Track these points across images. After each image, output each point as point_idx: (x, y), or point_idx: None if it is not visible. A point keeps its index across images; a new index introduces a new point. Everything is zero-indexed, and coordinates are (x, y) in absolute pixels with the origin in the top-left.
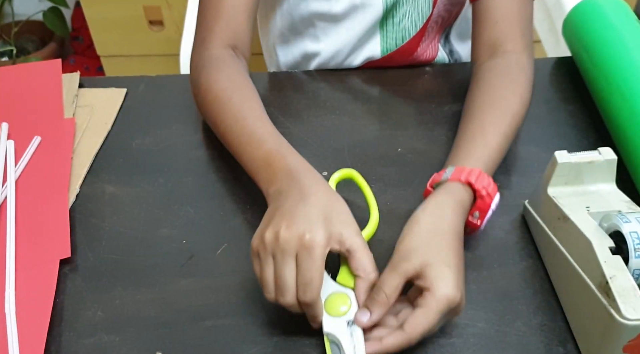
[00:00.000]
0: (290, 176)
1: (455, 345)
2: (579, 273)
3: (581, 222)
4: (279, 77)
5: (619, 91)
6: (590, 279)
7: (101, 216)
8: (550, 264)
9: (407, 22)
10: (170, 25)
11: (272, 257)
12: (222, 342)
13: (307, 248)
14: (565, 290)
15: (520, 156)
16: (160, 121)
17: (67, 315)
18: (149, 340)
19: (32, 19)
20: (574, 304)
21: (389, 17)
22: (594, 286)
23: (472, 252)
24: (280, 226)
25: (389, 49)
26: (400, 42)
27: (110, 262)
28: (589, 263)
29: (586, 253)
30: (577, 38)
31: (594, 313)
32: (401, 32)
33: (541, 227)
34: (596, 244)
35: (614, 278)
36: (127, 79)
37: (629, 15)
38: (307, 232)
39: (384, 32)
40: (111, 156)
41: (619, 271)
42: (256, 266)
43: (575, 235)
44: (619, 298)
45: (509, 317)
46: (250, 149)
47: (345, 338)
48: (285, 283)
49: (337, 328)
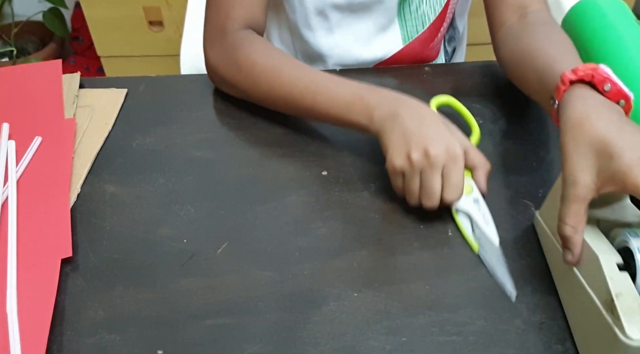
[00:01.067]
0: (397, 100)
1: (454, 343)
2: (585, 288)
3: (590, 236)
4: None
5: None
6: (596, 295)
7: (102, 215)
8: (557, 277)
9: (425, 8)
10: (170, 26)
11: (420, 172)
12: (222, 341)
13: (453, 159)
14: (572, 304)
15: (518, 154)
16: (160, 121)
17: (69, 314)
18: (150, 339)
19: (32, 19)
20: (580, 319)
21: (405, 4)
22: (600, 303)
23: (471, 250)
24: (424, 145)
25: (410, 36)
26: (421, 29)
27: (111, 262)
28: (596, 279)
29: (593, 268)
30: (575, 37)
31: (598, 330)
32: (420, 19)
33: (550, 239)
34: (603, 259)
35: (620, 295)
36: (128, 80)
37: (628, 15)
38: (449, 147)
39: (402, 21)
40: (112, 156)
41: (625, 289)
42: (398, 182)
43: (583, 249)
44: (624, 317)
45: (508, 315)
46: (330, 92)
47: (475, 210)
48: (434, 190)
49: (467, 204)
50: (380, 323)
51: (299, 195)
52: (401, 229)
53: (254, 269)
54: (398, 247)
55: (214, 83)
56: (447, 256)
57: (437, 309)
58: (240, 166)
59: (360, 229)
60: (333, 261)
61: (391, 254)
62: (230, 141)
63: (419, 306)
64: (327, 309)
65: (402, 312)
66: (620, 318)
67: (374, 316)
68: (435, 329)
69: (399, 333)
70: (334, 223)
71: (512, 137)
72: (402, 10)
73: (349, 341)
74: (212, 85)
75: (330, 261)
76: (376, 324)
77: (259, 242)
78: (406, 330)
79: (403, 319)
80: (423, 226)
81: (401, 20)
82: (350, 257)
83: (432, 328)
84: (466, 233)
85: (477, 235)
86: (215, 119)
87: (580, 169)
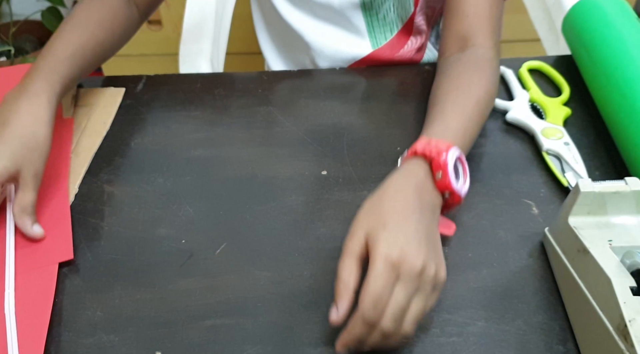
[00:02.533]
0: None
1: (455, 344)
2: (596, 311)
3: (602, 257)
4: (277, 76)
5: (619, 89)
6: (608, 319)
7: (100, 215)
8: (567, 297)
9: (392, 16)
10: (168, 25)
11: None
12: (221, 342)
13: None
14: (581, 327)
15: (519, 153)
16: (159, 121)
17: (66, 315)
18: (148, 340)
19: (30, 18)
20: (590, 343)
21: (373, 12)
22: (612, 328)
23: (472, 251)
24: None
25: (379, 43)
26: (389, 36)
27: (109, 262)
28: (608, 302)
29: (605, 291)
30: (577, 36)
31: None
32: (388, 26)
33: (560, 258)
34: (616, 282)
35: (634, 321)
36: (126, 79)
37: (629, 13)
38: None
39: (370, 28)
40: (110, 155)
41: (639, 315)
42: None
43: (594, 270)
44: (638, 344)
45: (509, 316)
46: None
47: (565, 151)
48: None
49: (557, 146)
50: None
51: (299, 195)
52: None
53: (253, 269)
54: None
55: None
56: (447, 257)
57: (437, 310)
58: (239, 165)
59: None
60: (333, 261)
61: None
62: (229, 141)
63: None
64: (327, 309)
65: None
66: (634, 345)
67: None
68: (436, 330)
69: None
70: (333, 223)
71: (512, 135)
72: (370, 19)
73: None
74: (211, 85)
75: (330, 261)
76: None
77: (258, 243)
78: None
79: None
80: None
81: (370, 28)
82: None
83: (432, 328)
84: (557, 172)
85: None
86: (214, 119)
87: (355, 226)
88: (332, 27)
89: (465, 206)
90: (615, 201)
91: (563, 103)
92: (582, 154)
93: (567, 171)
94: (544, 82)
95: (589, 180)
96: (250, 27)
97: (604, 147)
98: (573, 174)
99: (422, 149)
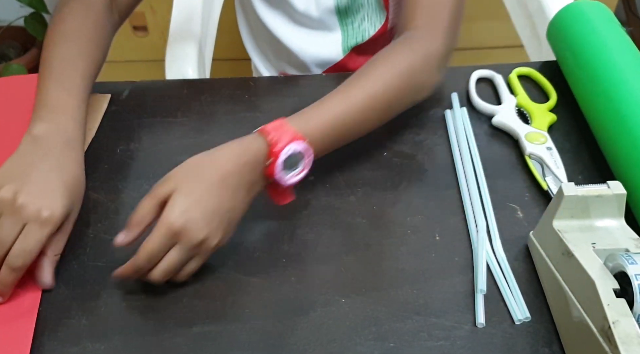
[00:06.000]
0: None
1: (442, 348)
2: (581, 313)
3: (585, 260)
4: (264, 82)
5: (605, 93)
6: (592, 321)
7: (85, 222)
8: (552, 299)
9: (366, 24)
10: (154, 31)
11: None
12: (209, 349)
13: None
14: (566, 329)
15: (504, 157)
16: (145, 127)
17: (51, 324)
18: (135, 348)
19: (13, 24)
20: (575, 345)
21: (349, 20)
22: (596, 330)
23: (459, 255)
24: None
25: (350, 46)
26: (361, 40)
27: (95, 270)
28: (592, 304)
29: (589, 294)
30: (563, 41)
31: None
32: (362, 34)
33: (544, 261)
34: (600, 284)
35: (617, 323)
36: (112, 85)
37: (612, 19)
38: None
39: (345, 35)
40: (95, 162)
41: (622, 316)
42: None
43: (578, 273)
44: (622, 346)
45: (496, 319)
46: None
47: (547, 156)
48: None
49: (540, 150)
50: (368, 329)
51: None
52: (388, 234)
53: (240, 275)
54: (385, 253)
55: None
56: (435, 261)
57: (424, 314)
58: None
59: (348, 234)
60: (320, 266)
61: (378, 260)
62: (215, 147)
63: (407, 311)
64: (315, 315)
65: (390, 317)
66: (617, 347)
67: (362, 322)
68: (424, 334)
69: (387, 339)
70: (321, 229)
71: (498, 139)
72: (346, 28)
73: (337, 347)
74: (197, 91)
75: (318, 266)
76: (364, 329)
77: (246, 248)
78: (394, 335)
79: (391, 325)
80: (410, 231)
81: (344, 35)
82: (337, 262)
83: (420, 332)
84: (538, 176)
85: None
86: (200, 125)
87: (171, 176)
88: (310, 32)
89: (452, 210)
90: (598, 205)
91: (549, 109)
92: (565, 159)
93: (547, 175)
94: (533, 88)
95: (572, 184)
96: (236, 33)
97: (587, 151)
98: (553, 178)
99: (269, 131)
